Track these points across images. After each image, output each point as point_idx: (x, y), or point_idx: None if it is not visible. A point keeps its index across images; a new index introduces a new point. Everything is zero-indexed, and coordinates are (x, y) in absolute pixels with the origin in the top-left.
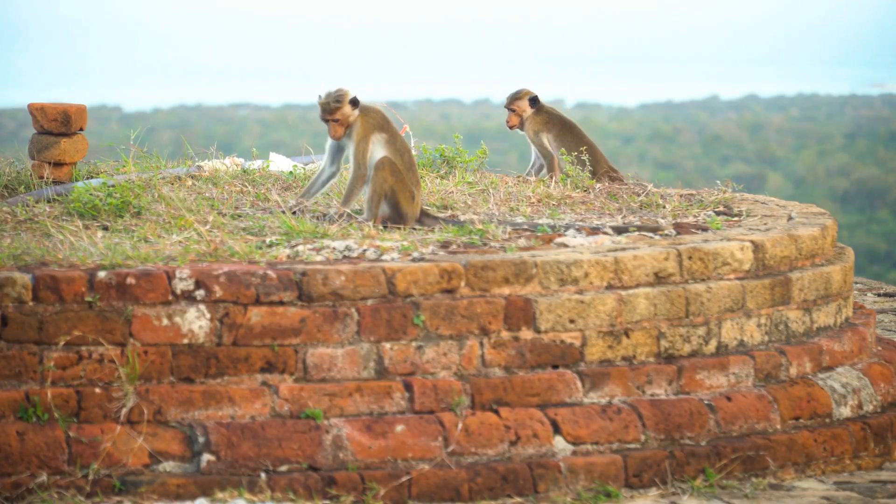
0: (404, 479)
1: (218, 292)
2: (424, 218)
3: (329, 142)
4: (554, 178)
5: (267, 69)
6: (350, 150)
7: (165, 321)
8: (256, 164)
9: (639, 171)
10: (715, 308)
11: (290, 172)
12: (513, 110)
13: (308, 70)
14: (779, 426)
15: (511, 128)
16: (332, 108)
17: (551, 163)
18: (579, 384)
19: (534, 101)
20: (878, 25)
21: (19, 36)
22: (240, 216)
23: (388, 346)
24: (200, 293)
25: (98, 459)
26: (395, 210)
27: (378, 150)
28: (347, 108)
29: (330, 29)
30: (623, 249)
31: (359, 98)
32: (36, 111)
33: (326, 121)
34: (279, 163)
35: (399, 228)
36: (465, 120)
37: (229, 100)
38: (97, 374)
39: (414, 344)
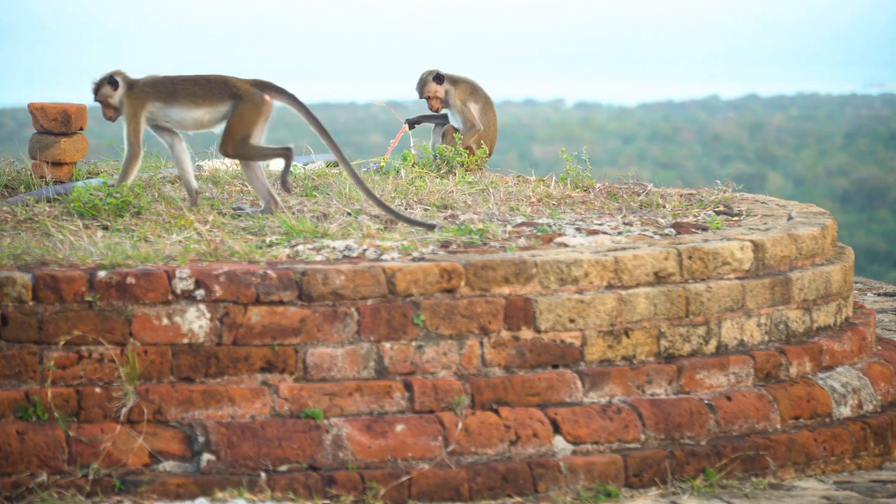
0: (404, 478)
1: (218, 292)
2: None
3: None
4: (467, 147)
5: (266, 69)
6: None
7: (165, 321)
8: None
9: (639, 171)
10: (715, 308)
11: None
12: (428, 97)
13: (308, 69)
14: (779, 426)
15: (437, 111)
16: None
17: (475, 133)
18: (579, 384)
19: (438, 77)
20: (878, 25)
21: (20, 35)
22: (240, 216)
23: (388, 345)
24: (200, 293)
25: (98, 459)
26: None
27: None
28: (107, 89)
29: (330, 28)
30: (623, 249)
31: (118, 79)
32: (36, 111)
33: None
34: (279, 162)
35: (397, 228)
36: None
37: None
38: (97, 373)
39: (414, 344)
